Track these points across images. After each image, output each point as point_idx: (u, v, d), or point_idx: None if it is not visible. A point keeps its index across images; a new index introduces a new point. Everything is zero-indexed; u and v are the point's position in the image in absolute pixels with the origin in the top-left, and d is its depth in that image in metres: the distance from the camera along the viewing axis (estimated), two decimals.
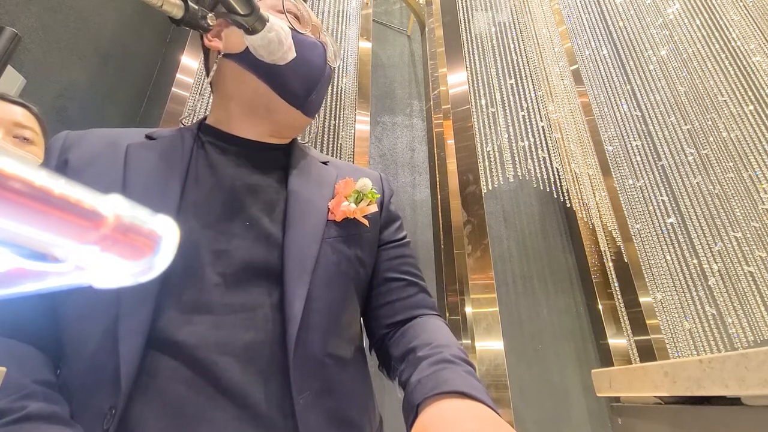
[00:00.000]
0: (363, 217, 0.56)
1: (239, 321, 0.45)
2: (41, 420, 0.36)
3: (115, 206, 0.14)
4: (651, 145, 1.87)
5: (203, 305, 0.44)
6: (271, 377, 0.43)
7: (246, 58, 0.54)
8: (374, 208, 0.57)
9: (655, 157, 1.84)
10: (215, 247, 0.47)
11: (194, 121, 0.62)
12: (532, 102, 1.79)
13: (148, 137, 0.54)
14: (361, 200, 0.57)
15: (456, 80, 1.80)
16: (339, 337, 0.50)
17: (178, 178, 0.49)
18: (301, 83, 0.56)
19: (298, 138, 0.66)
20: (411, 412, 0.40)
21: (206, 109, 1.45)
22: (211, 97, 0.62)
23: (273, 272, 0.48)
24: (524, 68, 1.87)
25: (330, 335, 0.49)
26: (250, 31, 0.50)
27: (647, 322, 1.55)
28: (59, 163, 0.49)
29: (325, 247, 0.51)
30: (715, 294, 1.58)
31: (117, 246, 0.14)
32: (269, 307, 0.46)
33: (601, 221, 1.71)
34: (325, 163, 0.63)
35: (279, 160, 0.59)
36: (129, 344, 0.40)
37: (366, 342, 0.61)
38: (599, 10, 2.15)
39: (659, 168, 1.82)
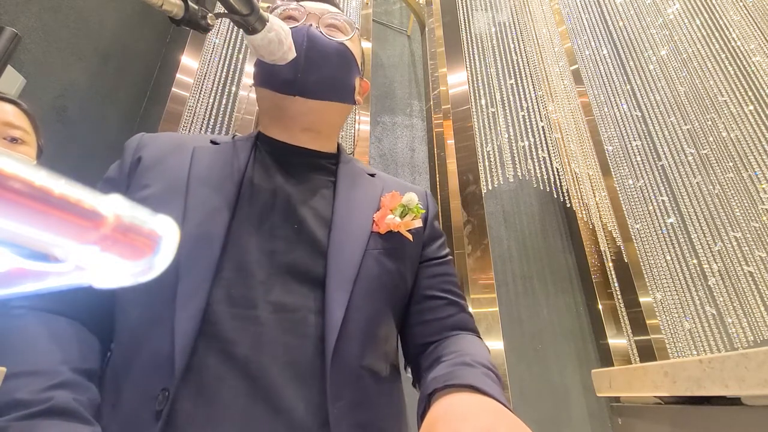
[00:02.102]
0: (407, 231, 0.56)
1: (281, 321, 0.46)
2: (60, 416, 0.37)
3: (115, 206, 0.14)
4: (651, 145, 1.87)
5: (249, 301, 0.46)
6: (308, 382, 0.44)
7: (255, 76, 0.59)
8: (419, 223, 0.58)
9: (655, 157, 1.84)
10: (264, 247, 0.49)
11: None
12: (532, 102, 1.79)
13: (213, 142, 0.59)
14: (406, 214, 0.57)
15: (456, 80, 1.80)
16: (376, 350, 0.50)
17: (235, 179, 0.53)
18: (283, 68, 0.55)
19: (345, 148, 0.67)
20: (422, 403, 0.40)
21: (206, 111, 1.45)
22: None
23: (316, 277, 0.49)
24: (524, 68, 1.87)
25: (367, 347, 0.49)
26: (251, 31, 0.50)
27: (647, 322, 1.55)
28: (134, 160, 0.54)
29: (368, 259, 0.52)
30: (715, 294, 1.58)
31: (117, 246, 0.14)
32: (310, 311, 0.47)
33: (601, 221, 1.71)
34: (372, 175, 0.64)
35: (328, 169, 0.61)
36: (183, 333, 0.42)
37: (402, 360, 0.61)
38: (599, 10, 2.15)
39: (659, 168, 1.82)
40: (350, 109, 0.66)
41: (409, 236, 0.56)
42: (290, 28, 0.57)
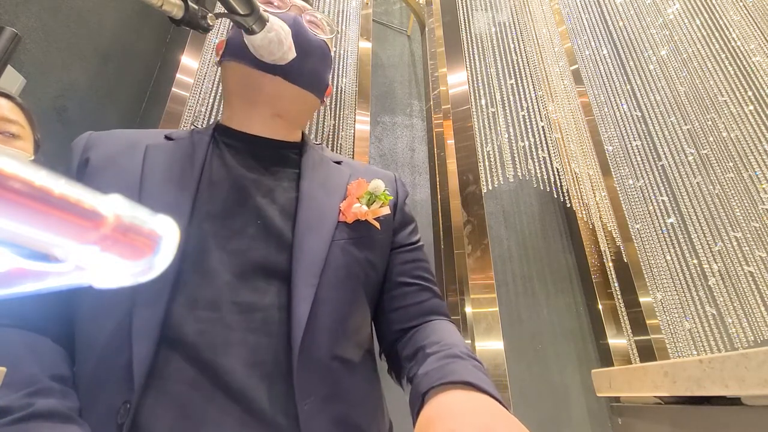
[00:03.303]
0: (375, 219, 0.55)
1: (246, 321, 0.44)
2: (46, 418, 0.36)
3: (115, 206, 0.14)
4: (651, 145, 1.87)
5: (213, 303, 0.44)
6: (276, 381, 0.43)
7: (227, 51, 0.57)
8: (386, 211, 0.57)
9: (655, 157, 1.84)
10: (227, 246, 0.48)
11: (207, 124, 0.62)
12: (532, 102, 1.79)
13: (167, 138, 0.56)
14: (374, 202, 0.56)
15: (456, 80, 1.80)
16: (347, 341, 0.50)
17: (193, 177, 0.51)
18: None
19: (311, 137, 0.65)
20: (417, 400, 0.40)
21: (206, 110, 1.45)
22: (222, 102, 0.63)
23: (282, 273, 0.48)
24: (524, 68, 1.87)
25: (337, 339, 0.48)
26: (250, 31, 0.50)
27: (647, 322, 1.55)
28: (81, 162, 0.51)
29: (335, 249, 0.51)
30: (715, 294, 1.58)
31: (117, 246, 0.14)
32: (277, 308, 0.46)
33: (601, 221, 1.71)
34: (338, 162, 0.63)
35: (292, 159, 0.59)
36: (142, 341, 0.41)
37: (377, 346, 0.60)
38: (599, 10, 2.15)
39: (659, 168, 1.82)
40: (318, 106, 0.64)
41: (377, 224, 0.55)
42: (272, 12, 0.55)
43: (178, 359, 0.41)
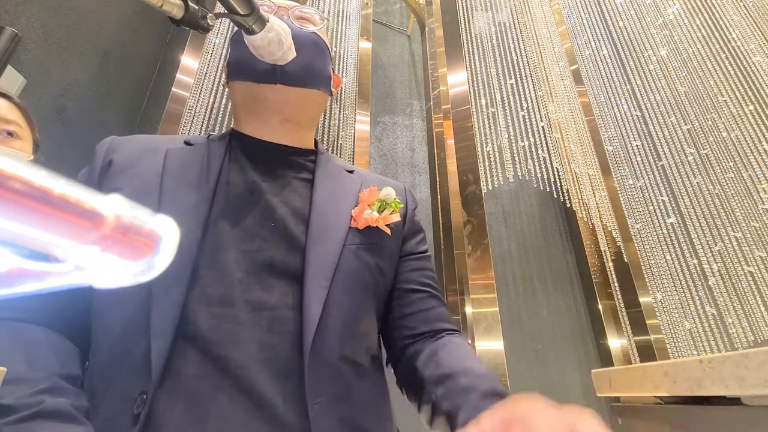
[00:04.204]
0: (385, 226, 0.57)
1: (258, 319, 0.46)
2: (51, 418, 0.37)
3: (115, 206, 0.14)
4: (651, 145, 1.87)
5: (226, 300, 0.46)
6: (288, 379, 0.44)
7: (228, 73, 0.60)
8: (397, 218, 0.58)
9: (655, 157, 1.84)
10: (241, 246, 0.49)
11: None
12: (532, 102, 1.79)
13: (187, 143, 0.58)
14: (384, 209, 0.57)
15: (456, 80, 1.80)
16: (356, 344, 0.51)
17: (210, 179, 0.53)
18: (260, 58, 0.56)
19: (321, 145, 0.67)
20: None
21: (206, 111, 1.45)
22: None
23: (294, 274, 0.49)
24: (524, 68, 1.87)
25: (347, 341, 0.49)
26: (250, 31, 0.50)
27: (647, 322, 1.55)
28: (104, 164, 0.54)
29: (347, 254, 0.52)
30: (715, 294, 1.58)
31: (117, 246, 0.14)
32: (288, 309, 0.47)
33: (601, 221, 1.71)
34: (350, 171, 0.64)
35: (305, 166, 0.60)
36: (160, 335, 0.42)
37: (384, 353, 0.61)
38: (599, 10, 2.14)
39: (659, 168, 1.82)
40: (327, 99, 0.65)
41: (387, 230, 0.57)
42: None
43: (193, 354, 0.43)
